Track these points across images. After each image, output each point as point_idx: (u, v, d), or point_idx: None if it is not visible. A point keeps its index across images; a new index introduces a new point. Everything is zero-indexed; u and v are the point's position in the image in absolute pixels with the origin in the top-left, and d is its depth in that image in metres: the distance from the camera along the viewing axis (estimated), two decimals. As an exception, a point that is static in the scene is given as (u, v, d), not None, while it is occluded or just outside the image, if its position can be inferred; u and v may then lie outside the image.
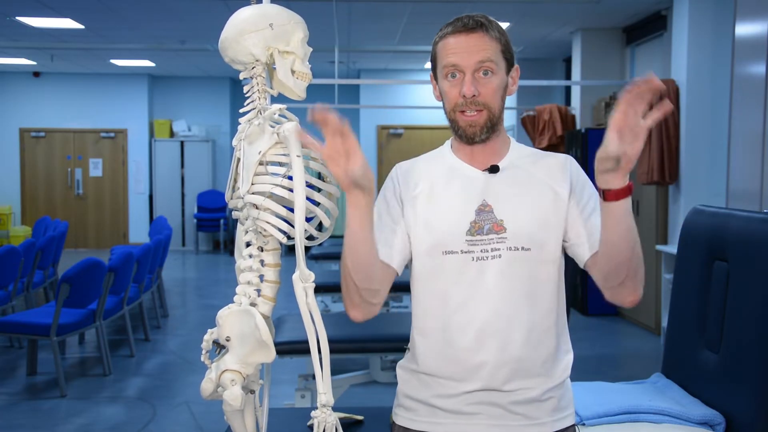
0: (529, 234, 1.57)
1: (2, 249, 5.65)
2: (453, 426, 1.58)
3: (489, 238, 1.56)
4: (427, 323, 1.62)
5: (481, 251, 1.56)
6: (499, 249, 1.56)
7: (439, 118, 12.00)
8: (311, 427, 1.68)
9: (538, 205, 1.60)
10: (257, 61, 1.72)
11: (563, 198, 1.61)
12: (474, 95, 1.56)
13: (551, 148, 7.82)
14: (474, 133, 1.59)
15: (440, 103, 1.66)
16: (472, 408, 1.57)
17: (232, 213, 1.82)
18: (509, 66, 1.63)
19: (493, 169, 1.62)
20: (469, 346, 1.55)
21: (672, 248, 5.70)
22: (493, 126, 1.60)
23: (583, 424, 2.31)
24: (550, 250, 1.59)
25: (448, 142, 1.71)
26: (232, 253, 11.44)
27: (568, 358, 1.64)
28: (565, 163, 1.65)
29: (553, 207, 1.60)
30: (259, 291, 1.76)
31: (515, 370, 1.55)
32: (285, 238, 1.73)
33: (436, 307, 1.60)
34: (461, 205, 1.59)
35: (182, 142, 12.45)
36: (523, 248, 1.56)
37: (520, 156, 1.66)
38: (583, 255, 1.59)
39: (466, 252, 1.57)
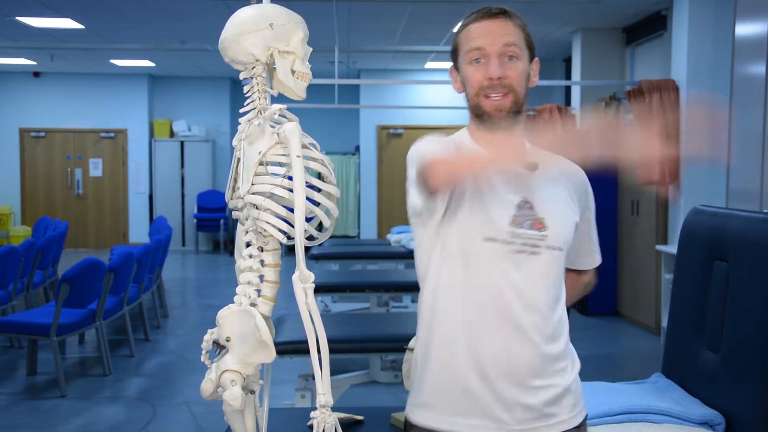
0: (565, 235, 1.58)
1: (2, 249, 5.65)
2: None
3: (530, 234, 1.54)
4: (448, 314, 1.55)
5: (522, 245, 1.53)
6: (539, 247, 1.54)
7: (439, 118, 12.03)
8: (311, 427, 1.68)
9: (567, 206, 1.62)
10: (257, 61, 1.72)
11: (576, 208, 1.65)
12: (500, 77, 1.55)
13: (551, 148, 7.81)
14: (500, 117, 1.56)
15: (439, 103, 1.66)
16: (503, 414, 1.52)
17: (232, 213, 1.82)
18: (531, 56, 1.63)
19: (532, 167, 1.60)
20: (496, 340, 1.52)
21: (672, 248, 5.70)
22: (518, 111, 1.58)
23: (583, 424, 2.31)
24: (567, 251, 1.63)
25: (463, 133, 1.65)
26: (232, 253, 11.44)
27: (574, 354, 1.65)
28: (580, 176, 1.68)
29: (572, 212, 1.63)
30: (259, 291, 1.76)
31: (539, 368, 1.53)
32: (285, 238, 1.73)
33: (461, 297, 1.54)
34: (503, 196, 1.55)
35: (182, 142, 12.44)
36: (558, 248, 1.57)
37: (542, 154, 1.63)
38: (574, 266, 1.74)
39: (507, 243, 1.53)
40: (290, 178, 1.68)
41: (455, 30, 1.64)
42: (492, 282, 1.52)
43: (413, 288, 5.44)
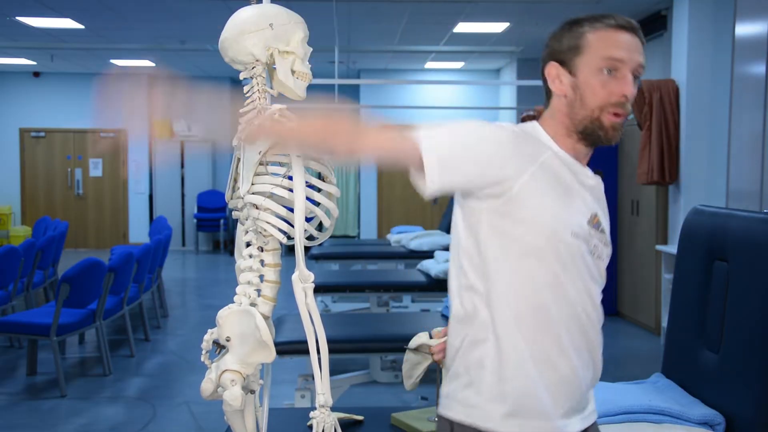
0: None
1: (2, 249, 5.65)
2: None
3: (600, 237, 1.52)
4: (519, 309, 1.46)
5: (594, 246, 1.50)
6: (604, 251, 1.53)
7: (439, 119, 11.97)
8: (311, 427, 1.68)
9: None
10: (257, 61, 1.72)
11: None
12: (631, 97, 1.47)
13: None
14: (615, 137, 1.48)
15: (439, 103, 1.61)
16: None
17: (232, 213, 1.82)
18: None
19: (599, 173, 1.58)
20: (584, 341, 1.52)
21: (672, 248, 5.70)
22: None
23: (583, 424, 2.31)
24: None
25: (536, 128, 1.54)
26: (232, 253, 11.43)
27: None
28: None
29: None
30: (259, 291, 1.76)
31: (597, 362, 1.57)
32: (285, 238, 1.73)
33: (554, 294, 1.46)
34: (583, 195, 1.50)
35: (182, 142, 12.44)
36: (608, 257, 1.56)
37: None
38: None
39: (586, 241, 1.48)
40: (290, 178, 1.68)
41: (577, 28, 1.52)
42: (581, 278, 1.48)
43: (413, 288, 5.48)
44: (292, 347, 3.36)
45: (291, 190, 1.68)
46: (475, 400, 1.48)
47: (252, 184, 1.71)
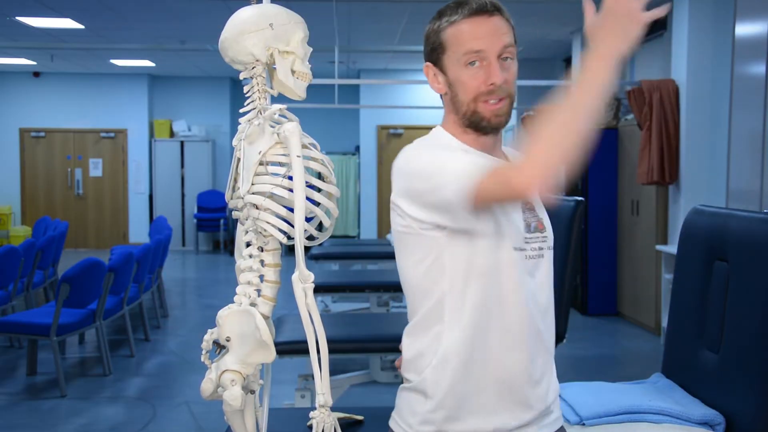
0: (552, 232, 1.55)
1: (2, 249, 5.65)
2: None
3: (535, 237, 1.49)
4: (473, 324, 1.44)
5: (532, 249, 1.48)
6: (542, 249, 1.50)
7: (439, 119, 11.98)
8: (311, 427, 1.68)
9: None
10: (257, 61, 1.72)
11: None
12: (502, 83, 1.44)
13: (551, 148, 7.82)
14: (500, 122, 1.47)
15: (439, 103, 1.59)
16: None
17: (232, 213, 1.82)
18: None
19: None
20: (523, 350, 1.46)
21: (672, 248, 5.70)
22: (510, 114, 1.51)
23: (583, 424, 2.31)
24: None
25: (443, 134, 1.53)
26: (232, 253, 11.44)
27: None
28: None
29: None
30: (259, 291, 1.76)
31: (548, 367, 1.52)
32: (285, 238, 1.73)
33: (493, 312, 1.43)
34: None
35: (182, 142, 12.45)
36: (551, 248, 1.53)
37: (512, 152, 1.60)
38: None
39: (523, 249, 1.46)
40: (290, 178, 1.68)
41: (437, 24, 1.49)
42: (519, 292, 1.44)
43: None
44: (292, 347, 3.35)
45: (291, 190, 1.68)
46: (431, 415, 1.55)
47: (252, 184, 1.71)
